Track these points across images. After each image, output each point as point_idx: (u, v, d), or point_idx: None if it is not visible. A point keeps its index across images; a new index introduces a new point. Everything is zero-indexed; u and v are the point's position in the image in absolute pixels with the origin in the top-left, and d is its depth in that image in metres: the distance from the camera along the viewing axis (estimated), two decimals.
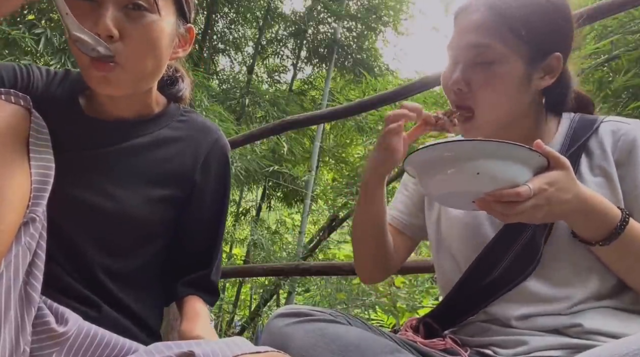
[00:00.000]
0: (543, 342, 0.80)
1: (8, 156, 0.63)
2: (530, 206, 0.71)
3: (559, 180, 0.72)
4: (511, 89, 0.85)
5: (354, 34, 5.93)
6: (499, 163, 0.73)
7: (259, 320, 4.95)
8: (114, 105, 0.86)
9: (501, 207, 0.73)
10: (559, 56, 0.86)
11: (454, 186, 0.77)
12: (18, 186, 0.64)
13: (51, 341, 0.69)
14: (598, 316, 0.80)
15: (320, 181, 5.76)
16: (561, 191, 0.72)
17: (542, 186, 0.71)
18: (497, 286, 0.87)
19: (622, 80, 1.95)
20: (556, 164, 0.73)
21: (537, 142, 0.74)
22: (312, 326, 0.80)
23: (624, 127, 0.88)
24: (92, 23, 0.72)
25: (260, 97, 5.03)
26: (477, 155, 0.73)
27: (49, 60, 3.02)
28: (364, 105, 1.94)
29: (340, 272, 2.31)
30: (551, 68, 0.87)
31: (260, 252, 4.72)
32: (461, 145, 0.76)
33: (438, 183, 0.80)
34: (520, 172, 0.73)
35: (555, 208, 0.73)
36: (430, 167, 0.80)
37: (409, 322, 0.96)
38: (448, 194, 0.80)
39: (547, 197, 0.72)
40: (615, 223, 0.76)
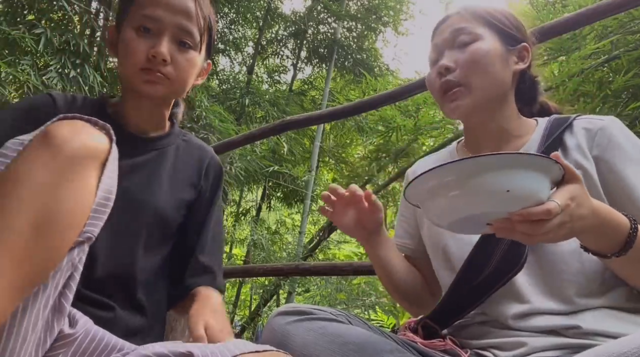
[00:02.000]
0: (542, 343, 0.80)
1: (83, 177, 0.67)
2: (557, 224, 0.65)
3: (577, 194, 0.68)
4: (494, 62, 0.92)
5: (354, 34, 5.94)
6: (528, 176, 0.64)
7: (259, 320, 4.95)
8: (139, 119, 1.03)
9: (528, 227, 0.65)
10: (527, 46, 0.96)
11: (472, 209, 0.66)
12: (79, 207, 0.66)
13: (61, 341, 0.72)
14: (595, 316, 0.80)
15: (320, 181, 5.76)
16: (580, 206, 0.68)
17: (567, 200, 0.66)
18: (489, 283, 0.88)
19: (622, 80, 1.95)
20: (572, 177, 0.69)
21: (555, 154, 0.68)
22: (313, 324, 0.80)
23: (599, 123, 0.90)
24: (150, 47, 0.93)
25: (260, 97, 5.03)
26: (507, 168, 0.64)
27: (49, 60, 3.02)
28: (364, 105, 1.94)
29: (340, 272, 2.31)
30: (522, 56, 0.96)
31: (260, 252, 4.72)
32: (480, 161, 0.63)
33: (449, 210, 0.68)
34: (544, 187, 0.66)
35: (576, 224, 0.68)
36: (440, 192, 0.68)
37: (407, 324, 0.97)
38: (463, 219, 0.69)
39: (571, 213, 0.67)
40: (627, 231, 0.73)
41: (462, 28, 0.94)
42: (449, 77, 0.93)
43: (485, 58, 0.92)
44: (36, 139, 0.67)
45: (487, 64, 0.92)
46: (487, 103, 0.94)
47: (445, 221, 0.71)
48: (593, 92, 2.04)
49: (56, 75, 2.96)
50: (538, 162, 0.65)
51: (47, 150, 0.65)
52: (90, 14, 3.33)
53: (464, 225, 0.71)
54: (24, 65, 2.86)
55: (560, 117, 0.97)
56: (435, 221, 0.74)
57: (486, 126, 0.98)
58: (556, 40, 2.15)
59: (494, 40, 0.94)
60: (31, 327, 0.63)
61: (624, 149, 0.86)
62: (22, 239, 0.60)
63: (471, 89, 0.92)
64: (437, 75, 0.95)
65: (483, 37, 0.93)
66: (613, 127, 0.89)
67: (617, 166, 0.86)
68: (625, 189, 0.84)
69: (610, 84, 2.05)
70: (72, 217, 0.65)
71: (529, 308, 0.84)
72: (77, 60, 3.11)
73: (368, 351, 0.76)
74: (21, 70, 2.84)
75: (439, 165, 0.65)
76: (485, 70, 0.92)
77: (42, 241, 0.62)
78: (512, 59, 0.95)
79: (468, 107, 0.93)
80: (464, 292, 0.91)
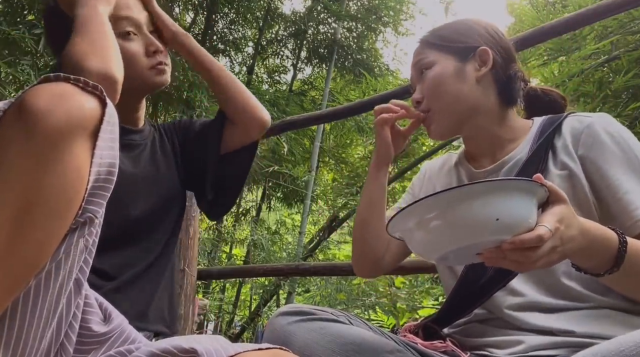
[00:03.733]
0: (539, 341, 0.80)
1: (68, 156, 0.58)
2: (549, 249, 0.63)
3: (565, 216, 0.66)
4: (448, 81, 0.96)
5: (354, 34, 5.94)
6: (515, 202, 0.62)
7: (259, 320, 4.96)
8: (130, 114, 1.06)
9: (520, 255, 0.63)
10: (485, 49, 0.97)
11: (460, 241, 0.64)
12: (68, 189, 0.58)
13: (92, 338, 0.70)
14: (590, 316, 0.80)
15: (320, 181, 5.76)
16: (569, 227, 0.66)
17: (556, 224, 0.64)
18: (489, 286, 0.89)
19: (622, 80, 1.96)
20: (558, 198, 0.67)
21: (538, 176, 0.67)
22: (313, 324, 0.81)
23: (586, 120, 0.89)
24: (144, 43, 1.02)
25: (260, 97, 5.01)
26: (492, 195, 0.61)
27: (49, 60, 3.03)
28: (364, 105, 1.94)
29: (340, 272, 2.32)
30: (483, 59, 0.98)
31: (260, 252, 4.72)
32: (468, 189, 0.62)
33: (437, 243, 0.66)
34: (531, 212, 0.64)
35: (567, 247, 0.66)
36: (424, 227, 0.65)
37: (407, 327, 0.97)
38: (451, 252, 0.66)
39: (561, 236, 0.65)
40: (616, 246, 0.72)
41: (419, 60, 1.01)
42: (421, 108, 1.00)
43: (438, 81, 0.97)
44: (10, 114, 0.57)
45: (441, 85, 0.97)
46: (458, 117, 0.98)
47: (434, 256, 0.69)
48: (593, 93, 2.04)
49: None
50: (523, 186, 0.63)
51: (22, 128, 0.56)
52: None
53: (453, 257, 0.69)
54: (24, 66, 2.86)
55: (552, 117, 0.97)
56: (423, 256, 0.72)
57: (473, 133, 1.00)
58: (556, 41, 2.15)
59: (446, 60, 0.98)
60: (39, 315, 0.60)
61: (609, 147, 0.85)
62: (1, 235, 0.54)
63: (437, 112, 0.98)
64: (413, 103, 1.03)
65: (436, 62, 0.98)
66: (600, 124, 0.88)
67: (601, 165, 0.85)
68: (610, 188, 0.83)
69: (610, 84, 2.05)
70: (60, 203, 0.57)
71: (523, 300, 0.85)
72: None
73: (368, 351, 0.76)
74: (21, 70, 2.84)
75: (421, 198, 0.63)
76: (441, 93, 0.97)
77: (25, 235, 0.55)
78: (471, 69, 0.97)
79: (440, 129, 0.99)
80: (466, 294, 0.92)
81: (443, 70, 0.97)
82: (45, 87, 0.58)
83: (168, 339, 0.73)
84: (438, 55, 0.99)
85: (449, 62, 0.97)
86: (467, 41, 0.99)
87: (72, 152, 0.58)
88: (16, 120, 0.56)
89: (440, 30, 1.03)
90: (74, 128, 0.58)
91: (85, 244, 0.62)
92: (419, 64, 1.01)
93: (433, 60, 0.98)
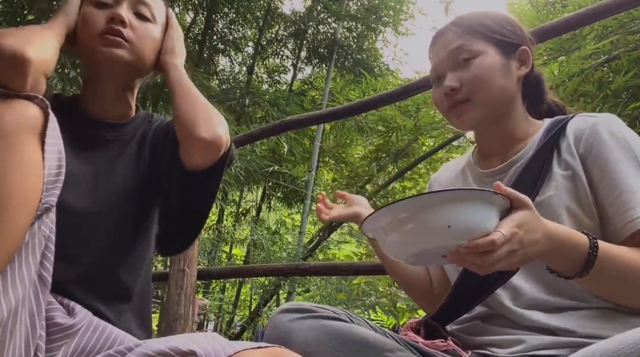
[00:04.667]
0: (540, 341, 0.80)
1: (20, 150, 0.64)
2: (505, 253, 0.67)
3: (526, 220, 0.69)
4: (497, 75, 0.93)
5: (354, 34, 5.94)
6: (468, 210, 0.67)
7: (259, 320, 4.96)
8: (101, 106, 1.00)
9: (476, 258, 0.68)
10: (526, 49, 0.96)
11: (422, 245, 0.70)
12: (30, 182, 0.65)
13: (60, 333, 0.71)
14: (590, 319, 0.81)
15: (320, 181, 5.76)
16: (530, 231, 0.69)
17: (513, 229, 0.68)
18: (489, 283, 0.89)
19: (622, 80, 1.96)
20: (520, 204, 0.70)
21: (497, 184, 0.71)
22: (315, 322, 0.81)
23: (590, 120, 0.89)
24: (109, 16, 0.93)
25: (260, 97, 5.02)
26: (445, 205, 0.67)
27: None
28: (364, 105, 1.94)
29: (340, 272, 2.32)
30: (523, 59, 0.97)
31: (260, 252, 4.73)
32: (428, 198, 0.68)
33: (404, 245, 0.72)
34: (488, 218, 0.69)
35: (529, 250, 0.69)
36: (392, 229, 0.72)
37: (409, 325, 0.97)
38: (417, 254, 0.73)
39: (520, 241, 0.68)
40: (586, 251, 0.73)
41: (459, 46, 0.95)
42: (457, 97, 0.95)
43: (487, 73, 0.92)
44: None
45: (491, 78, 0.92)
46: (494, 113, 0.95)
47: (402, 256, 0.75)
48: (593, 92, 2.04)
49: (56, 76, 2.96)
50: (476, 196, 0.68)
51: None
52: None
53: (421, 258, 0.75)
54: None
55: (559, 118, 0.97)
56: (394, 256, 0.77)
57: (493, 132, 0.99)
58: (556, 40, 2.15)
59: (493, 52, 0.94)
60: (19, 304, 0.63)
61: (609, 146, 0.85)
62: None
63: (478, 104, 0.94)
64: (443, 96, 0.97)
65: (482, 52, 0.94)
66: (602, 124, 0.88)
67: (600, 164, 0.85)
68: (607, 188, 0.83)
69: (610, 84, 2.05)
70: (24, 194, 0.64)
71: (525, 298, 0.86)
72: (77, 61, 3.11)
73: (369, 349, 0.76)
74: None
75: (390, 203, 0.70)
76: (489, 85, 0.93)
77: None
78: (513, 66, 0.96)
79: (475, 120, 0.95)
80: (466, 293, 0.92)
81: (492, 61, 0.93)
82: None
83: (164, 339, 0.73)
84: (484, 45, 0.94)
85: (496, 55, 0.94)
86: (511, 37, 0.96)
87: (26, 148, 0.65)
88: None
89: (482, 19, 0.97)
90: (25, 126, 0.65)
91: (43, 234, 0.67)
92: (459, 50, 0.94)
93: (478, 49, 0.94)
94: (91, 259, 0.89)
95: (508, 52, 0.95)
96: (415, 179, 4.70)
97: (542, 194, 0.87)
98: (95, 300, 0.87)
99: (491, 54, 0.94)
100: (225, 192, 4.56)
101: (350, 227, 5.33)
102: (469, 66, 0.93)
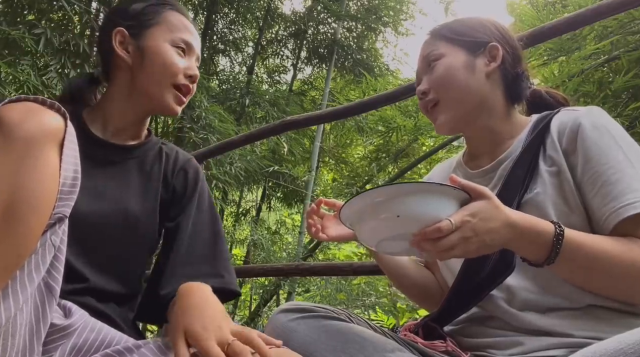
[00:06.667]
0: (538, 342, 0.81)
1: (40, 157, 0.65)
2: (457, 240, 0.71)
3: (481, 210, 0.73)
4: (459, 72, 0.97)
5: (354, 34, 5.93)
6: (416, 202, 0.73)
7: (259, 320, 4.95)
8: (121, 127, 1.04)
9: (430, 244, 0.73)
10: (495, 45, 0.99)
11: (384, 233, 0.77)
12: (45, 189, 0.65)
13: (57, 334, 0.72)
14: (586, 320, 0.81)
15: (320, 181, 5.75)
16: (486, 220, 0.72)
17: (464, 218, 0.72)
18: (485, 285, 0.90)
19: (622, 80, 1.96)
20: (477, 195, 0.74)
21: (452, 177, 0.75)
22: (315, 322, 0.82)
23: (572, 115, 0.91)
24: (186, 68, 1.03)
25: (260, 97, 5.01)
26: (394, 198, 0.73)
27: (49, 60, 3.02)
28: (364, 105, 1.94)
29: (340, 272, 2.32)
30: (492, 55, 0.99)
31: (260, 252, 4.72)
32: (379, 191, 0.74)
33: (369, 232, 0.80)
34: (442, 209, 0.73)
35: (486, 237, 0.73)
36: (359, 217, 0.79)
37: (407, 326, 0.98)
38: (382, 241, 0.80)
39: (472, 228, 0.72)
40: (551, 238, 0.75)
41: (429, 53, 1.00)
42: (427, 99, 1.00)
43: (449, 71, 0.97)
44: None
45: (452, 76, 0.97)
46: (465, 111, 0.98)
47: (372, 243, 0.82)
48: (593, 93, 2.04)
49: (56, 76, 2.96)
50: (426, 188, 0.74)
51: (0, 136, 0.63)
52: (90, 14, 3.32)
53: (389, 246, 0.81)
54: (24, 66, 2.85)
55: (546, 113, 0.98)
56: (366, 243, 0.84)
57: (475, 132, 1.01)
58: (556, 41, 2.15)
59: (456, 52, 0.98)
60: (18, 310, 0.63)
61: (591, 140, 0.86)
62: None
63: (446, 103, 0.98)
64: (419, 100, 1.03)
65: (445, 54, 0.98)
66: (585, 117, 0.88)
67: (581, 159, 0.86)
68: (589, 182, 0.84)
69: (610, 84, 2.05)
70: (38, 200, 0.64)
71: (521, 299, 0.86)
72: (77, 61, 3.11)
73: (369, 349, 0.76)
74: (21, 70, 2.84)
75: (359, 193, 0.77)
76: (451, 83, 0.97)
77: (11, 229, 0.61)
78: (481, 63, 0.98)
79: (449, 121, 0.98)
80: (463, 294, 0.93)
81: (453, 61, 0.98)
82: (14, 105, 0.67)
83: (164, 339, 0.73)
84: (448, 47, 0.99)
85: (459, 54, 0.98)
86: (477, 36, 1.00)
87: (46, 156, 0.66)
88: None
89: (451, 24, 1.03)
90: (45, 135, 0.66)
91: (53, 242, 0.68)
92: (428, 56, 1.00)
93: (443, 52, 0.99)
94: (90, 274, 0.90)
95: (474, 50, 0.99)
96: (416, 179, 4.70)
97: (530, 191, 0.88)
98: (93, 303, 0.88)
99: (453, 54, 0.98)
100: (225, 192, 4.55)
101: None
102: (434, 68, 0.99)
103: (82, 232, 0.86)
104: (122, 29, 1.02)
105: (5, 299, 0.61)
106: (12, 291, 0.62)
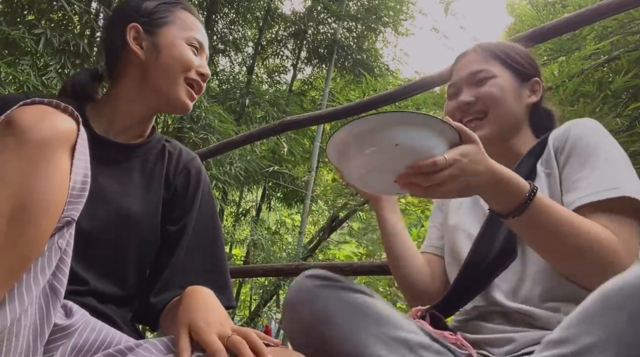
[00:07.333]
0: (529, 337, 0.84)
1: (52, 160, 0.65)
2: (447, 176, 0.76)
3: (471, 152, 0.78)
4: (510, 96, 1.03)
5: (354, 34, 5.94)
6: (417, 133, 0.75)
7: (259, 320, 4.96)
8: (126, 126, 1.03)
9: (420, 178, 0.76)
10: (538, 81, 1.07)
11: (373, 163, 0.78)
12: (56, 192, 0.65)
13: (58, 334, 0.72)
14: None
15: (320, 182, 5.76)
16: (473, 162, 0.78)
17: (456, 156, 0.76)
18: (488, 273, 0.95)
19: (622, 80, 1.96)
20: (467, 138, 0.79)
21: (447, 117, 0.79)
22: (339, 292, 0.83)
23: (566, 125, 0.99)
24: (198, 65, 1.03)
25: (260, 97, 5.02)
26: (395, 125, 0.74)
27: (49, 60, 3.02)
28: (364, 105, 1.94)
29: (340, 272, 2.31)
30: (534, 89, 1.07)
31: (260, 252, 4.73)
32: (379, 118, 0.75)
33: (357, 163, 0.79)
34: (436, 145, 0.76)
35: (470, 179, 0.78)
36: (349, 146, 0.78)
37: (414, 313, 1.00)
38: (368, 173, 0.81)
39: (462, 168, 0.76)
40: (524, 194, 0.80)
41: (480, 69, 1.05)
42: (472, 109, 1.04)
43: (501, 92, 1.03)
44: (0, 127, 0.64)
45: (503, 96, 1.02)
46: (503, 132, 1.04)
47: (356, 176, 0.83)
48: (593, 93, 2.04)
49: (56, 76, 2.96)
50: (426, 122, 0.75)
51: (13, 138, 0.63)
52: (90, 14, 3.32)
53: (375, 181, 0.83)
54: (23, 66, 2.85)
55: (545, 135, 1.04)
56: (348, 178, 0.86)
57: (502, 150, 1.05)
58: (556, 41, 2.15)
59: (508, 76, 1.04)
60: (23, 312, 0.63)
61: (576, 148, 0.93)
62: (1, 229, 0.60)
63: (492, 119, 1.03)
64: (456, 109, 1.06)
65: (498, 75, 1.04)
66: (576, 127, 0.96)
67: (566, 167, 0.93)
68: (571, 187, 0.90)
69: (610, 84, 2.05)
70: (49, 203, 0.64)
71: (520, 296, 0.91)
72: (77, 61, 3.11)
73: (386, 324, 0.79)
74: (21, 70, 2.84)
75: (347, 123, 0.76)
76: (501, 103, 1.02)
77: (21, 231, 0.61)
78: (525, 93, 1.06)
79: (487, 137, 1.01)
80: (467, 282, 0.97)
81: (506, 83, 1.04)
82: (28, 108, 0.67)
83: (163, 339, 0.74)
84: (501, 69, 1.05)
85: (510, 79, 1.05)
86: (527, 67, 1.07)
87: (57, 159, 0.66)
88: (7, 132, 0.63)
89: (504, 48, 1.09)
90: (58, 138, 0.66)
91: (60, 245, 0.68)
92: (479, 73, 1.04)
93: (496, 72, 1.04)
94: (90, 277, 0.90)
95: (522, 79, 1.06)
96: None
97: None
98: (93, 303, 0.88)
99: (506, 77, 1.04)
100: (225, 193, 4.55)
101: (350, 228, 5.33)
102: (485, 84, 1.03)
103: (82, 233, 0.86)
104: (136, 25, 1.00)
105: (11, 301, 0.61)
106: (18, 293, 0.62)
